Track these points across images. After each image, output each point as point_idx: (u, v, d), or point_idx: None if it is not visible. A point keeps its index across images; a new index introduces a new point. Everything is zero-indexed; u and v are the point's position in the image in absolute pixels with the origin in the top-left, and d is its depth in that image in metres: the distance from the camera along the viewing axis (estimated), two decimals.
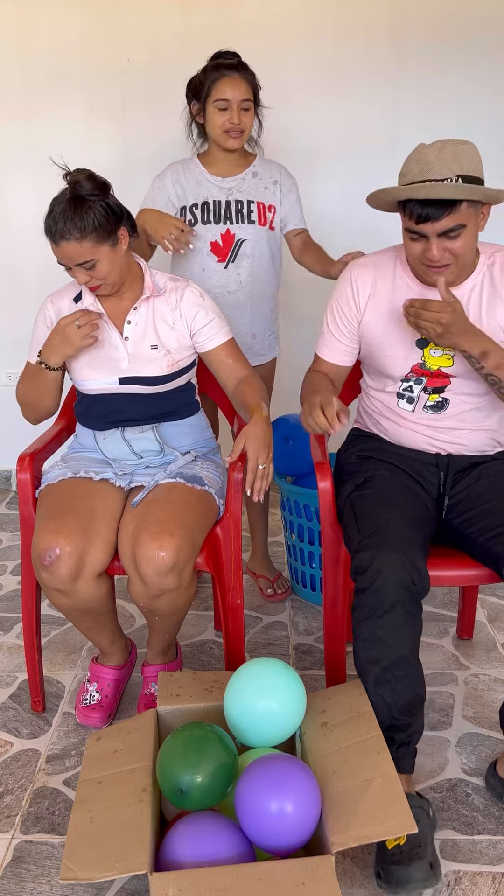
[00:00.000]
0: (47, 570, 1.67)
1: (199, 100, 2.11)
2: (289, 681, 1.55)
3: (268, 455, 1.72)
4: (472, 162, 1.56)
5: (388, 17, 2.84)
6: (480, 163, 1.58)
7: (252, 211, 2.19)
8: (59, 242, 1.67)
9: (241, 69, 2.08)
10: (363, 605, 1.53)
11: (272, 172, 2.23)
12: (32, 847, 1.59)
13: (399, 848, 1.44)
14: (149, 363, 1.84)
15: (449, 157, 1.53)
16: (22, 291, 3.14)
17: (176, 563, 1.64)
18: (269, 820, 1.34)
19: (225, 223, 2.18)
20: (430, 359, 1.73)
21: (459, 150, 1.55)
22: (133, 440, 1.90)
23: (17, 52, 2.90)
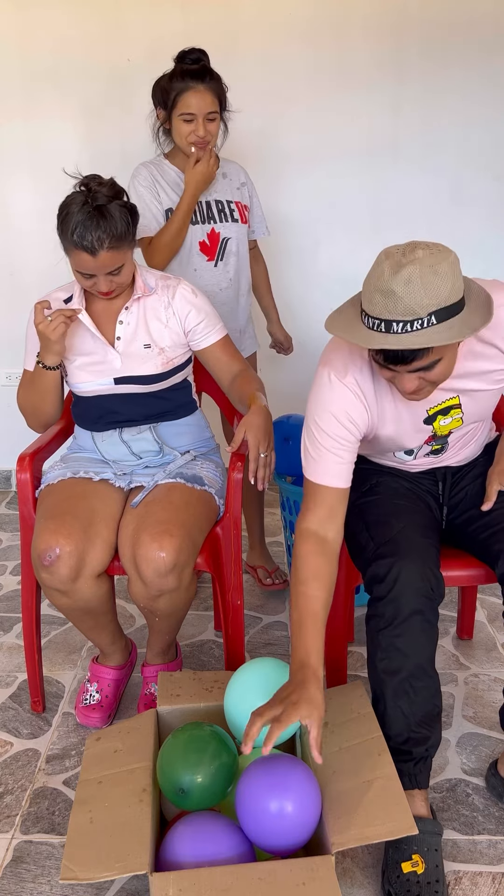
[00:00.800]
0: (47, 570, 1.67)
1: (164, 108, 2.11)
2: None
3: (269, 443, 1.72)
4: (447, 287, 1.29)
5: (388, 16, 2.84)
6: (458, 278, 1.32)
7: (234, 210, 2.23)
8: (97, 253, 1.64)
9: (207, 78, 2.06)
10: (381, 615, 1.50)
11: (239, 175, 2.28)
12: (32, 847, 1.59)
13: (416, 877, 1.42)
14: (142, 362, 1.83)
15: (419, 292, 1.27)
16: (22, 291, 3.14)
17: (176, 564, 1.64)
18: (269, 820, 1.34)
19: (209, 222, 2.20)
20: (440, 428, 1.63)
21: (431, 279, 1.28)
22: (131, 441, 1.90)
23: (17, 52, 2.90)
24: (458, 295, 1.32)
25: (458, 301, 1.32)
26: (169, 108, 2.09)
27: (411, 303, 1.28)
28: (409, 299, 1.28)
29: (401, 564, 1.49)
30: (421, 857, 1.44)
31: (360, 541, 1.62)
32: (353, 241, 3.06)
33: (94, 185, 1.67)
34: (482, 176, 3.01)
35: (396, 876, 1.44)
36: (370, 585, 1.54)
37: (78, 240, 1.64)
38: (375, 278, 1.32)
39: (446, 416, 1.60)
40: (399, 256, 1.31)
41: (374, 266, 1.34)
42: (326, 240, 2.86)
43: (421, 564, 1.50)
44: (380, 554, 1.53)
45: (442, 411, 1.59)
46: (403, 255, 1.31)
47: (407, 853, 1.45)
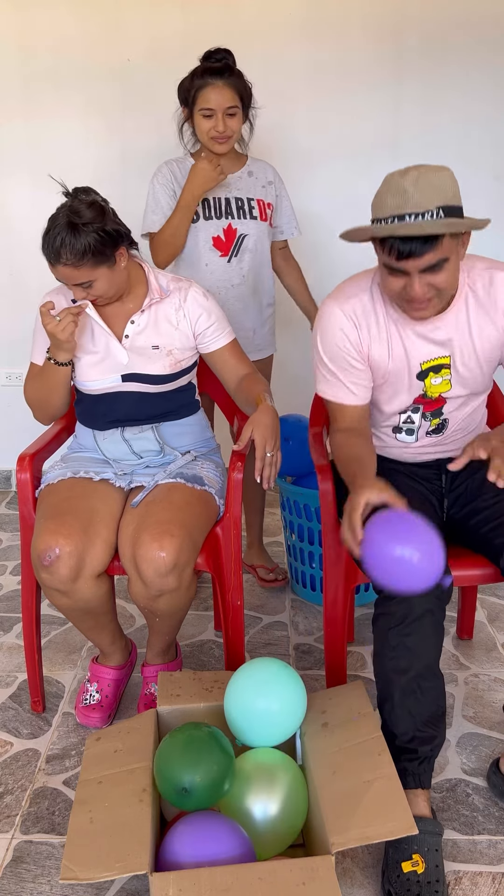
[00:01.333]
0: (47, 571, 1.67)
1: (185, 104, 2.14)
2: (289, 681, 1.55)
3: (275, 442, 1.72)
4: (451, 190, 1.43)
5: (388, 16, 2.84)
6: (458, 188, 1.46)
7: (253, 207, 2.23)
8: (55, 265, 1.68)
9: (227, 74, 2.07)
10: (391, 614, 1.49)
11: (266, 173, 2.27)
12: (32, 847, 1.59)
13: (416, 877, 1.42)
14: (150, 361, 1.84)
15: (428, 188, 1.40)
16: (22, 291, 3.14)
17: (176, 564, 1.64)
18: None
19: (227, 218, 2.20)
20: (430, 388, 1.68)
21: (437, 180, 1.41)
22: (133, 440, 1.90)
23: (16, 52, 2.91)
24: (459, 201, 1.45)
25: (460, 207, 1.45)
26: (190, 105, 2.11)
27: (421, 198, 1.40)
28: (420, 195, 1.40)
29: None
30: (421, 857, 1.45)
31: None
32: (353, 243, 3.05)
33: (79, 206, 1.67)
34: (482, 175, 3.01)
35: (396, 875, 1.44)
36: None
37: (43, 247, 1.68)
38: (383, 187, 1.45)
39: (437, 374, 1.66)
40: (403, 170, 1.45)
41: (382, 184, 1.47)
42: (325, 240, 2.85)
43: None
44: None
45: (434, 368, 1.66)
46: (407, 168, 1.44)
47: (407, 853, 1.45)
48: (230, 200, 2.21)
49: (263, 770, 1.48)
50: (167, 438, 1.92)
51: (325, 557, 1.79)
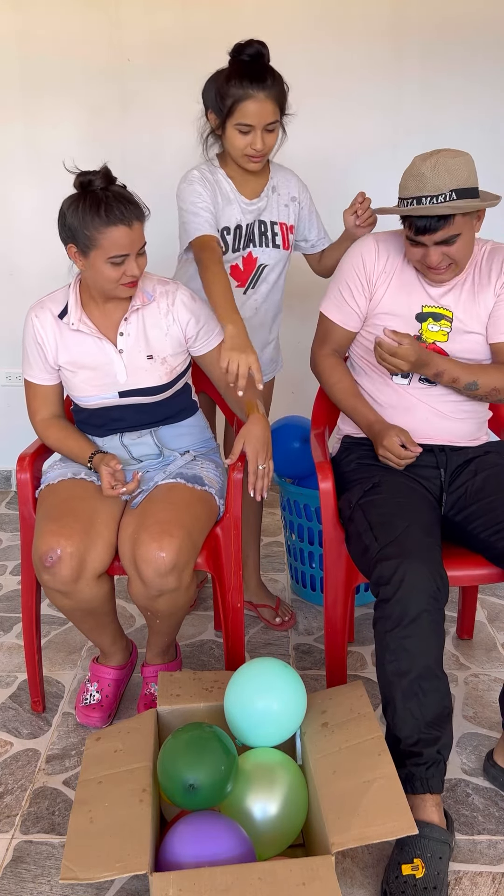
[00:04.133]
0: (49, 572, 1.67)
1: (218, 114, 1.88)
2: (289, 681, 1.55)
3: (267, 454, 1.72)
4: (465, 173, 1.64)
5: (388, 17, 2.84)
6: (473, 171, 1.68)
7: (276, 234, 2.05)
8: (132, 224, 1.64)
9: (269, 81, 1.83)
10: (388, 616, 1.50)
11: (290, 187, 2.07)
12: (32, 847, 1.59)
13: (414, 880, 1.42)
14: (146, 374, 1.81)
15: (443, 173, 1.62)
16: (22, 291, 3.13)
17: (176, 564, 1.64)
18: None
19: (248, 246, 2.02)
20: (426, 332, 1.80)
21: (453, 165, 1.63)
22: (131, 445, 1.90)
23: (16, 53, 2.91)
24: (474, 183, 1.67)
25: (475, 188, 1.67)
26: (223, 116, 1.86)
27: (437, 182, 1.62)
28: (436, 179, 1.62)
29: (406, 565, 1.49)
30: (422, 862, 1.43)
31: (364, 541, 1.62)
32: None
33: (91, 177, 1.66)
34: (482, 175, 3.00)
35: (395, 876, 1.44)
36: (376, 587, 1.53)
37: (111, 216, 1.61)
38: (408, 170, 1.68)
39: (437, 322, 1.80)
40: (427, 154, 1.67)
41: (409, 166, 1.68)
42: None
43: (427, 564, 1.51)
44: (385, 555, 1.53)
45: (434, 315, 1.80)
46: (430, 153, 1.67)
47: (409, 856, 1.45)
48: (254, 224, 2.02)
49: (263, 770, 1.48)
50: (166, 441, 1.91)
51: (325, 557, 1.79)
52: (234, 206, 1.98)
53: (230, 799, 1.45)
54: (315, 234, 2.15)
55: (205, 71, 2.99)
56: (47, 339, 1.81)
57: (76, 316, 1.78)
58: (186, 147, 2.89)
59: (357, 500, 1.71)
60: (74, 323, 1.78)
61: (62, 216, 1.68)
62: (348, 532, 1.72)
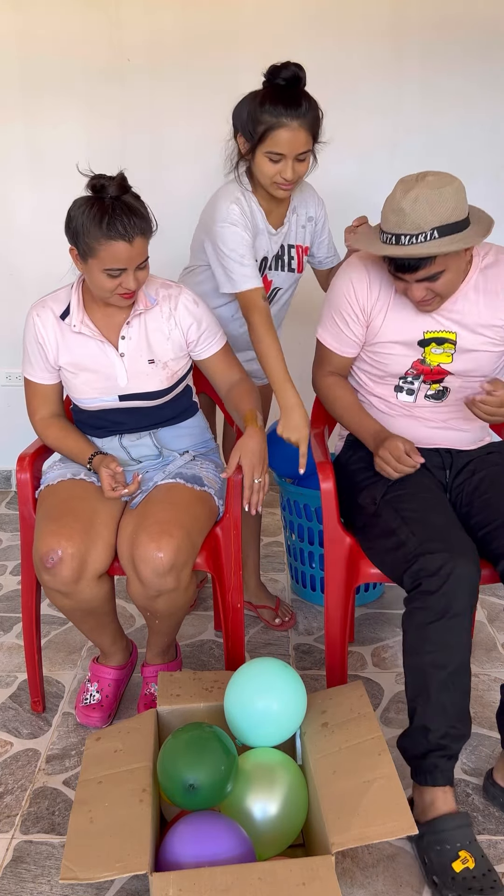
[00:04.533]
0: (49, 573, 1.67)
1: (248, 139, 1.80)
2: (289, 681, 1.55)
3: (263, 468, 1.71)
4: (450, 206, 1.53)
5: (388, 17, 2.84)
6: (461, 200, 1.56)
7: (293, 258, 2.03)
8: (133, 239, 1.61)
9: (304, 112, 1.75)
10: (430, 608, 1.50)
11: (307, 206, 2.03)
12: (32, 847, 1.59)
13: (470, 872, 1.42)
14: (148, 378, 1.81)
15: (424, 209, 1.51)
16: (22, 291, 3.13)
17: (174, 564, 1.64)
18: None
19: (266, 270, 2.01)
20: (430, 356, 1.75)
21: (436, 198, 1.52)
22: (131, 447, 1.90)
23: (16, 53, 2.90)
24: (460, 215, 1.55)
25: (461, 220, 1.55)
26: (254, 141, 1.78)
27: (417, 219, 1.52)
28: (416, 216, 1.52)
29: (456, 560, 1.50)
30: (468, 853, 1.44)
31: (398, 536, 1.61)
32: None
33: (105, 182, 1.63)
34: (482, 175, 3.01)
35: (451, 878, 1.43)
36: (417, 579, 1.53)
37: (112, 230, 1.59)
38: (390, 199, 1.58)
39: (440, 346, 1.74)
40: (411, 182, 1.55)
41: (392, 191, 1.58)
42: None
43: (472, 562, 1.53)
44: (428, 548, 1.53)
45: (437, 340, 1.74)
46: (415, 181, 1.55)
47: (453, 852, 1.45)
48: (269, 253, 1.99)
49: (263, 770, 1.48)
50: (165, 442, 1.91)
51: (325, 557, 1.79)
52: (264, 238, 1.95)
53: (230, 799, 1.45)
54: (324, 252, 2.14)
55: (205, 70, 3.01)
56: (48, 339, 1.80)
57: (78, 318, 1.78)
58: (186, 147, 2.91)
59: (382, 495, 1.71)
60: (76, 325, 1.78)
61: (69, 217, 1.67)
62: (373, 528, 1.70)
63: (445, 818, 1.48)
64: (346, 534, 1.78)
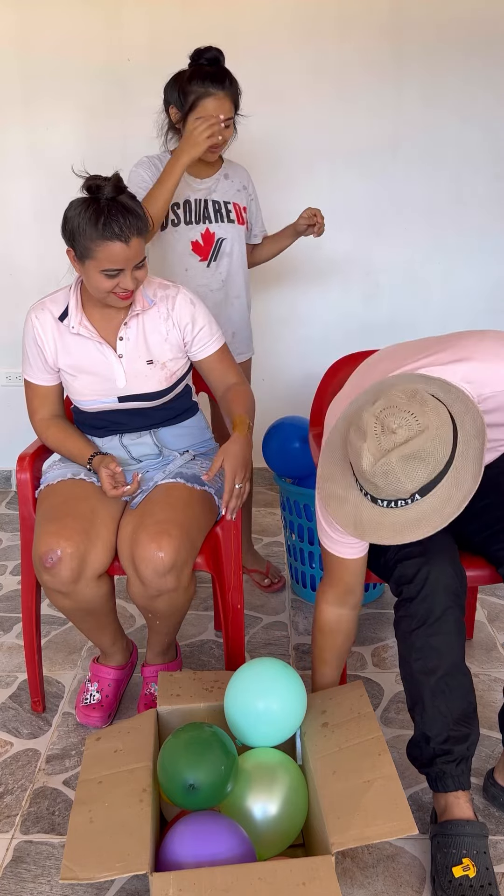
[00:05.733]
0: (49, 572, 1.67)
1: (179, 108, 2.08)
2: (289, 681, 1.55)
3: (245, 474, 1.69)
4: (430, 466, 1.31)
5: (388, 16, 2.84)
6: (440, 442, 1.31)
7: (230, 211, 2.22)
8: (129, 240, 1.62)
9: (227, 84, 2.04)
10: (412, 615, 1.50)
11: (241, 177, 2.27)
12: (32, 847, 1.59)
13: (469, 881, 1.41)
14: (146, 379, 1.81)
15: (400, 480, 1.30)
16: (22, 291, 3.14)
17: (174, 564, 1.64)
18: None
19: (204, 222, 2.19)
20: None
21: (409, 465, 1.29)
22: (131, 446, 1.90)
23: (16, 53, 2.91)
24: (442, 461, 1.32)
25: (444, 464, 1.33)
26: (185, 111, 2.06)
27: (392, 491, 1.32)
28: (390, 488, 1.32)
29: (430, 564, 1.49)
30: (472, 861, 1.43)
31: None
32: (352, 241, 3.06)
33: (100, 183, 1.63)
34: (482, 175, 3.02)
35: (448, 881, 1.42)
36: (398, 586, 1.53)
37: (107, 230, 1.60)
38: (356, 460, 1.33)
39: None
40: (375, 446, 1.30)
41: (354, 440, 1.34)
42: (325, 240, 2.86)
43: (449, 562, 1.51)
44: (406, 554, 1.53)
45: None
46: (378, 446, 1.30)
47: (457, 857, 1.44)
48: (208, 203, 2.19)
49: (263, 770, 1.48)
50: (165, 441, 1.92)
51: None
52: (182, 184, 2.15)
53: (230, 799, 1.45)
54: (257, 227, 2.37)
55: None
56: (47, 341, 1.81)
57: (76, 319, 1.78)
58: None
59: None
60: (75, 326, 1.78)
61: (65, 219, 1.67)
62: None
63: (458, 823, 1.47)
64: None
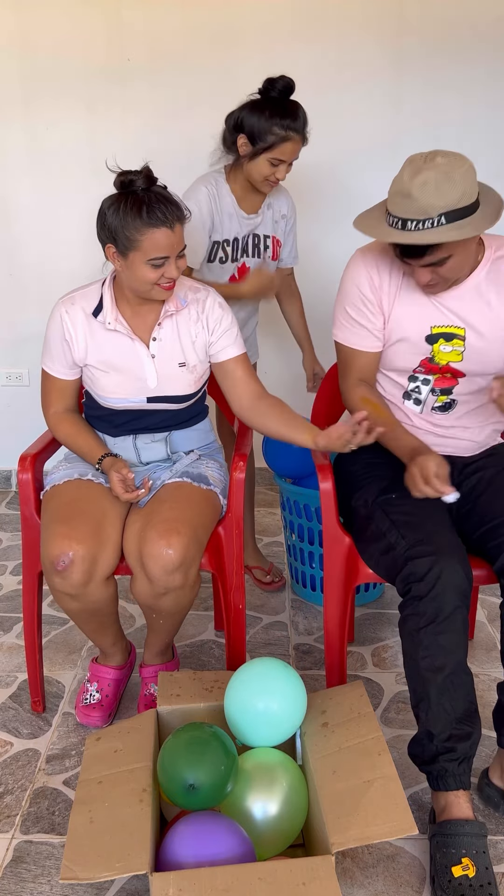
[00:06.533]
0: (60, 575, 1.66)
1: (252, 143, 2.04)
2: (289, 681, 1.55)
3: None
4: (459, 191, 1.49)
5: (388, 15, 2.84)
6: (470, 183, 1.52)
7: (268, 246, 2.25)
8: (174, 226, 1.62)
9: (302, 126, 2.05)
10: (421, 613, 1.50)
11: (281, 205, 2.27)
12: (32, 847, 1.59)
13: (468, 881, 1.41)
14: (176, 382, 1.81)
15: (432, 194, 1.48)
16: (22, 291, 3.14)
17: (183, 561, 1.64)
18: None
19: (243, 256, 2.22)
20: (438, 353, 1.72)
21: (445, 183, 1.48)
22: (143, 448, 1.89)
23: (16, 53, 2.90)
24: (469, 199, 1.51)
25: (470, 204, 1.51)
26: (258, 148, 2.04)
27: (424, 204, 1.48)
28: (423, 201, 1.48)
29: (443, 562, 1.49)
30: (471, 861, 1.43)
31: (388, 539, 1.61)
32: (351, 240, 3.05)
33: (133, 178, 1.64)
34: (482, 174, 3.00)
35: (448, 881, 1.42)
36: (406, 584, 1.53)
37: (153, 218, 1.60)
38: (397, 181, 1.53)
39: (448, 342, 1.70)
40: (420, 162, 1.51)
41: (399, 171, 1.54)
42: (325, 238, 2.86)
43: (460, 562, 1.52)
44: (417, 552, 1.53)
45: (445, 335, 1.70)
46: (424, 162, 1.51)
47: (456, 857, 1.44)
48: (250, 237, 2.20)
49: (263, 770, 1.48)
50: (176, 444, 1.92)
51: (325, 557, 1.79)
52: (234, 220, 2.15)
53: (230, 799, 1.46)
54: (287, 251, 2.36)
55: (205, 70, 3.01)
56: (76, 337, 1.79)
57: (112, 315, 1.77)
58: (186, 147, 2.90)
59: (374, 498, 1.70)
60: (111, 322, 1.76)
61: (102, 216, 1.66)
62: (365, 531, 1.70)
63: (457, 823, 1.47)
64: (346, 534, 1.78)
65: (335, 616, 1.81)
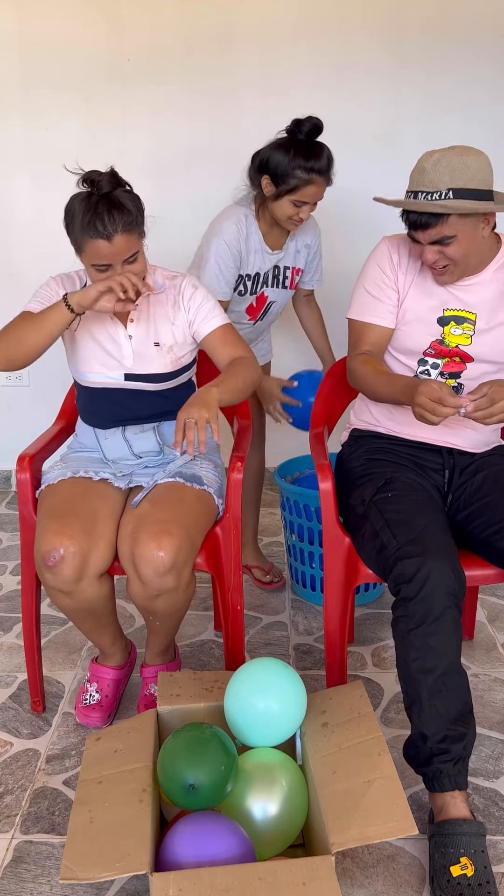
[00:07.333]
0: (51, 571, 1.67)
1: (276, 185, 2.07)
2: (289, 681, 1.55)
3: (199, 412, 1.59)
4: (470, 173, 1.57)
5: (388, 12, 2.84)
6: (485, 171, 1.60)
7: (287, 277, 2.30)
8: (112, 238, 1.64)
9: (327, 169, 2.06)
10: (411, 615, 1.50)
11: (306, 235, 2.30)
12: (32, 847, 1.59)
13: (467, 880, 1.41)
14: (153, 361, 1.85)
15: (444, 171, 1.57)
16: (22, 291, 3.13)
17: (175, 564, 1.64)
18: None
19: (262, 287, 2.26)
20: (449, 336, 1.76)
21: (457, 163, 1.57)
22: (133, 440, 1.90)
23: (17, 52, 2.91)
24: (481, 185, 1.58)
25: (482, 190, 1.58)
26: (283, 189, 2.07)
27: (435, 178, 1.57)
28: (434, 175, 1.58)
29: (430, 563, 1.49)
30: (469, 860, 1.43)
31: (381, 539, 1.61)
32: (351, 235, 3.06)
33: (95, 177, 1.67)
34: None
35: (446, 880, 1.42)
36: (396, 585, 1.53)
37: (91, 228, 1.64)
38: (418, 162, 1.63)
39: (459, 325, 1.75)
40: (438, 149, 1.62)
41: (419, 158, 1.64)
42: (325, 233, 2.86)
43: (449, 562, 1.51)
44: (406, 553, 1.53)
45: (456, 318, 1.75)
46: (443, 149, 1.62)
47: (454, 857, 1.44)
48: (269, 272, 2.25)
49: (263, 770, 1.48)
50: (168, 438, 1.92)
51: (325, 557, 1.79)
52: (259, 256, 2.21)
53: (230, 799, 1.45)
54: (311, 274, 2.40)
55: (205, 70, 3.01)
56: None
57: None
58: (185, 146, 2.91)
59: (371, 497, 1.70)
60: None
61: (65, 212, 1.72)
62: (361, 530, 1.70)
63: (455, 822, 1.47)
64: (345, 534, 1.78)
65: (335, 616, 1.81)
